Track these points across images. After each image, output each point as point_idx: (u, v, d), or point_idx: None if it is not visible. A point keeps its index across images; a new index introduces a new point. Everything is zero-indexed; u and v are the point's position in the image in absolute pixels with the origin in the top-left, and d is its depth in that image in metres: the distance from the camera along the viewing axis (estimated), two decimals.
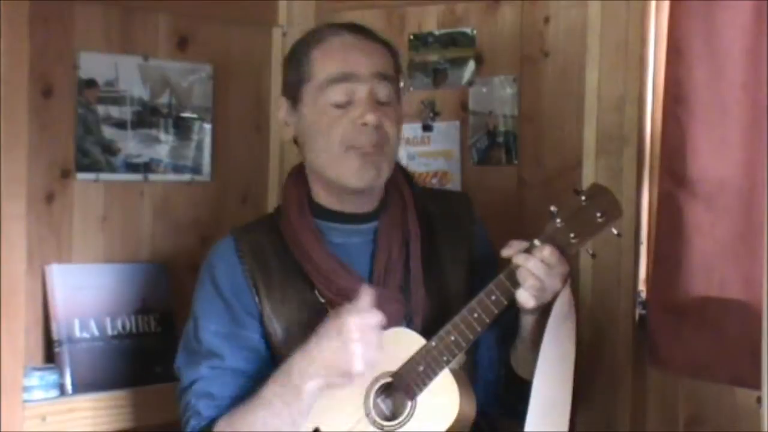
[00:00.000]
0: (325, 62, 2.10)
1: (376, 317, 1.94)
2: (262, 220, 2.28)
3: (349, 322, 1.92)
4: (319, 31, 2.18)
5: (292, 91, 2.15)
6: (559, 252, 1.94)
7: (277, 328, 2.09)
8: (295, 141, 2.20)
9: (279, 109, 2.20)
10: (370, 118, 2.05)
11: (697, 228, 2.22)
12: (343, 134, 2.06)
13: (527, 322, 2.04)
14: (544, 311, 2.01)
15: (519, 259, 1.94)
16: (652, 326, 2.34)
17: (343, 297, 2.06)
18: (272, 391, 1.98)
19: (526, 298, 1.95)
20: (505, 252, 1.98)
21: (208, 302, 2.13)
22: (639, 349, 2.43)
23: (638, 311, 2.46)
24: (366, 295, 1.94)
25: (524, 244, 1.96)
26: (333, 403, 2.00)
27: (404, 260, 2.12)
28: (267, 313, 2.09)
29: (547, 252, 1.93)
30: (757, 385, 2.06)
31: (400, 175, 2.21)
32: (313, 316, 2.07)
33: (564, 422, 2.03)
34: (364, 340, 1.91)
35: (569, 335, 2.03)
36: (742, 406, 2.29)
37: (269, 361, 2.09)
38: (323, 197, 2.16)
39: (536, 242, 1.95)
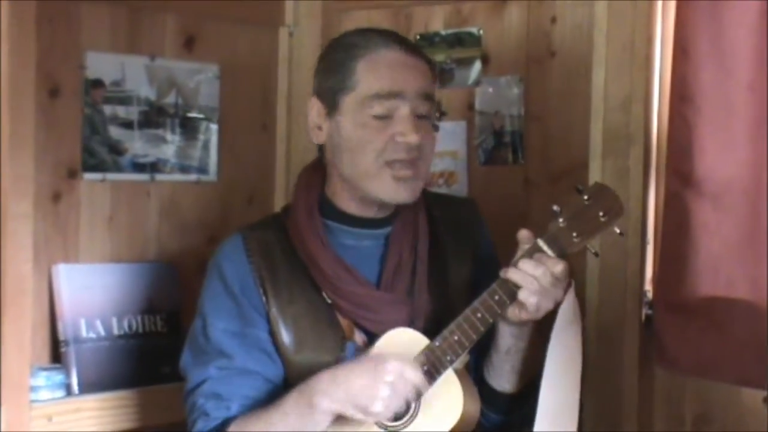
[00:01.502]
0: (372, 76, 2.05)
1: (418, 375, 1.93)
2: (269, 219, 2.27)
3: (388, 364, 1.91)
4: (366, 38, 2.11)
5: (330, 97, 2.09)
6: (564, 259, 1.95)
7: (282, 328, 2.08)
8: (319, 145, 2.16)
9: (310, 110, 2.14)
10: (414, 138, 2.03)
11: (704, 227, 2.21)
12: (382, 148, 2.04)
13: (504, 331, 2.04)
14: (523, 325, 2.02)
15: (528, 267, 1.93)
16: (658, 326, 2.34)
17: (349, 301, 2.07)
18: (290, 402, 1.97)
19: (526, 295, 1.93)
20: (522, 238, 1.97)
21: (216, 300, 2.12)
22: (645, 349, 2.43)
23: (645, 311, 2.46)
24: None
25: (531, 239, 1.96)
26: None
27: (412, 264, 2.12)
28: (274, 313, 2.08)
29: (559, 269, 1.93)
30: (763, 385, 2.07)
31: None
32: (320, 316, 2.08)
33: (572, 427, 2.03)
34: (395, 387, 1.90)
35: (575, 341, 2.03)
36: (749, 406, 2.29)
37: (278, 362, 2.09)
38: (344, 201, 2.14)
39: (539, 242, 1.95)
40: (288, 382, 2.07)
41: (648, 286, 2.47)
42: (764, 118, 2.13)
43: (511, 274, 1.94)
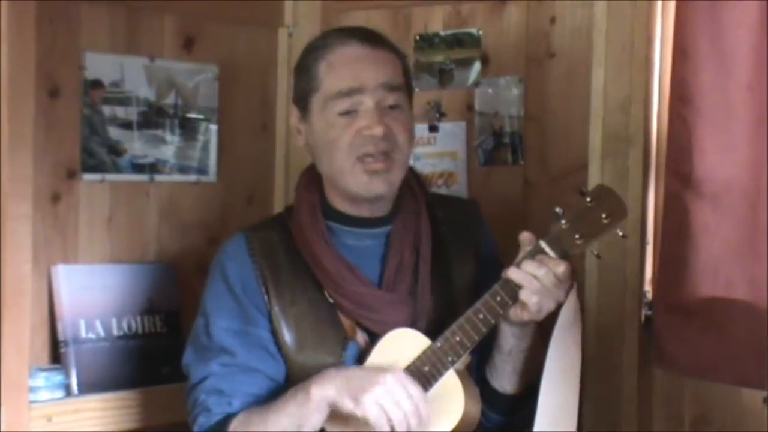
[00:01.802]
0: (332, 75, 2.09)
1: (419, 391, 1.94)
2: (272, 219, 2.30)
3: (394, 371, 1.94)
4: (327, 38, 2.16)
5: (302, 100, 2.15)
6: (567, 260, 1.95)
7: (284, 328, 2.09)
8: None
9: (291, 116, 2.20)
10: (378, 130, 2.05)
11: (704, 228, 2.21)
12: (351, 143, 2.06)
13: (506, 332, 2.04)
14: (525, 326, 2.02)
15: (530, 268, 1.94)
16: (657, 327, 2.34)
17: (352, 301, 2.08)
18: (289, 393, 1.99)
19: (527, 295, 1.94)
20: (524, 240, 1.98)
21: (219, 299, 2.13)
22: (645, 350, 2.43)
23: (644, 312, 2.46)
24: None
25: (533, 240, 1.97)
26: None
27: (414, 264, 2.13)
28: (275, 312, 2.09)
29: (561, 269, 1.94)
30: (762, 385, 2.07)
31: (413, 179, 2.21)
32: (321, 316, 2.09)
33: (572, 427, 2.03)
34: (391, 390, 1.91)
35: (575, 343, 2.04)
36: (748, 407, 2.29)
37: (280, 360, 2.10)
38: (337, 201, 2.16)
39: (541, 243, 1.95)
40: (290, 381, 2.08)
41: (647, 287, 2.47)
42: (764, 118, 2.13)
43: (513, 274, 1.95)
